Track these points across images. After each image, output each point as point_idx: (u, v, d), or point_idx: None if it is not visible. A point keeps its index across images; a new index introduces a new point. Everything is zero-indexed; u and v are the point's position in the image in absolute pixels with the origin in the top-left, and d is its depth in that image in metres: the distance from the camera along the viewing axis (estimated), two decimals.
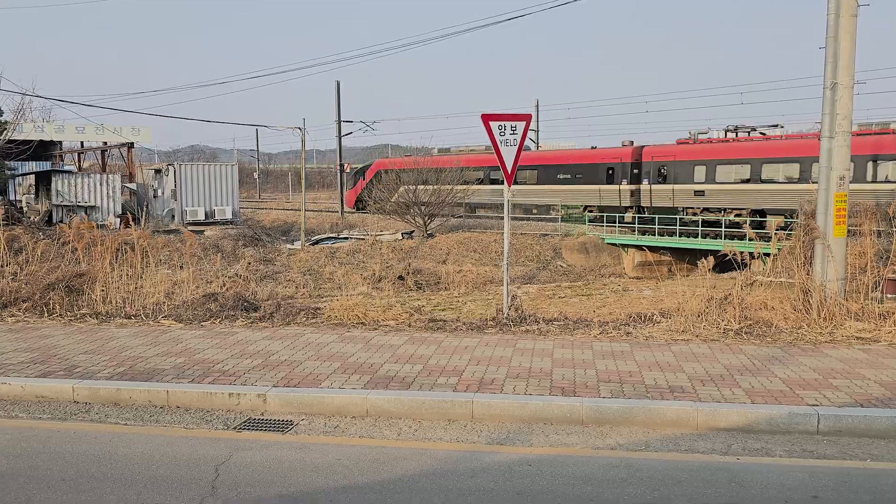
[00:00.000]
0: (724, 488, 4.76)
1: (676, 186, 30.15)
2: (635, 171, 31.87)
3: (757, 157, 27.77)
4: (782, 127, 29.81)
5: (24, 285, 10.87)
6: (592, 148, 35.19)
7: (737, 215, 28.26)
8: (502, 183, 9.58)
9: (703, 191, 29.16)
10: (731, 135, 30.04)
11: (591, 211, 32.76)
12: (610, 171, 32.49)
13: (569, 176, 34.08)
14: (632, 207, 31.80)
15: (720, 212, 28.72)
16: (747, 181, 27.93)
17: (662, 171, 30.72)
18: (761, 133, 29.61)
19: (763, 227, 25.09)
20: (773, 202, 26.99)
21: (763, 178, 27.48)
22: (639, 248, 28.89)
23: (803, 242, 9.64)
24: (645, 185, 31.44)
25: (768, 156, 27.49)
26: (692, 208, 29.77)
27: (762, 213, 27.52)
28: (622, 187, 32.12)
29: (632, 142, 33.47)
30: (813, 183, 25.48)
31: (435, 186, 31.82)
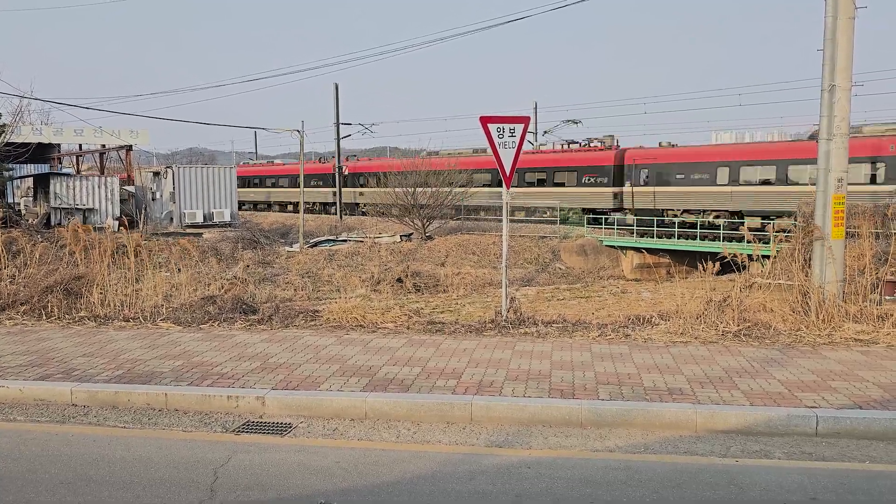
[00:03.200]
0: (723, 490, 4.76)
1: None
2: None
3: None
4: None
5: (22, 288, 10.85)
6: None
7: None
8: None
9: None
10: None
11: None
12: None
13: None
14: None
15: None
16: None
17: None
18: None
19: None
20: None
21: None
22: (637, 250, 28.92)
23: (802, 244, 9.65)
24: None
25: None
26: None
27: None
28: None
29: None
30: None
31: (434, 189, 31.87)
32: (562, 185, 34.25)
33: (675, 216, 29.94)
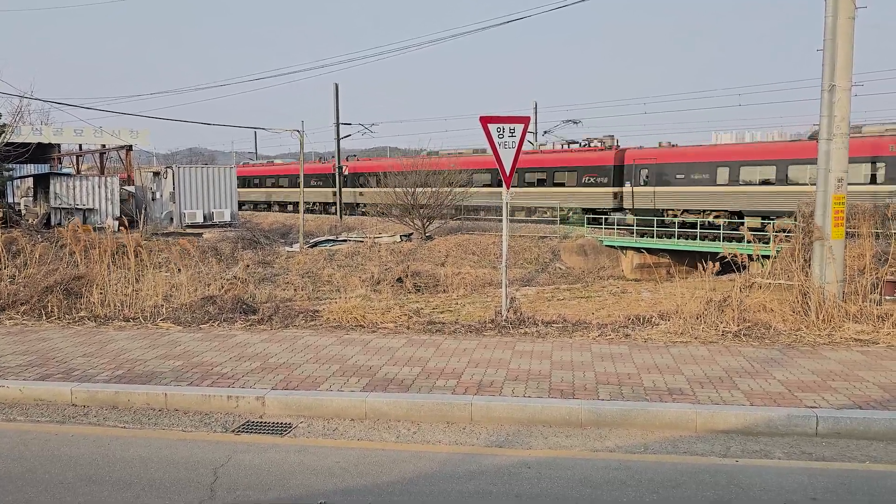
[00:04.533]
0: (722, 490, 4.76)
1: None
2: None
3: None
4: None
5: (22, 288, 10.85)
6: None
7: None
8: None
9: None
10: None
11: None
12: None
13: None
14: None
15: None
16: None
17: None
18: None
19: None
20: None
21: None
22: (637, 250, 28.93)
23: (802, 244, 9.65)
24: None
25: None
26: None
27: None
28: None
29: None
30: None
31: (433, 189, 31.89)
32: (562, 184, 34.37)
33: (675, 216, 29.99)
